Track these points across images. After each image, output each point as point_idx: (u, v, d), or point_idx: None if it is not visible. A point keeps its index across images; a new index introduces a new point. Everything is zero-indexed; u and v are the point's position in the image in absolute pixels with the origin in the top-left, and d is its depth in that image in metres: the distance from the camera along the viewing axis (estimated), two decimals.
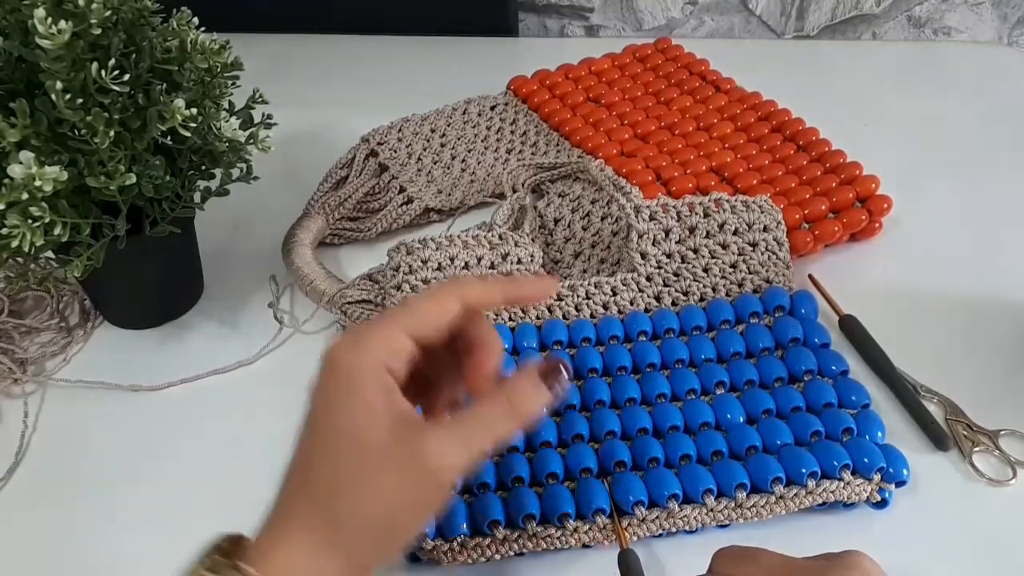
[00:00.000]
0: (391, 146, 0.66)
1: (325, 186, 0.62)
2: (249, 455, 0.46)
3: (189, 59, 0.46)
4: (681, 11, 0.87)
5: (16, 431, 0.48)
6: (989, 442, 0.45)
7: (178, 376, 0.51)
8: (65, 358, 0.53)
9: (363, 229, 0.60)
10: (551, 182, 0.62)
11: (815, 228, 0.56)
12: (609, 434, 0.44)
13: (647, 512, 0.40)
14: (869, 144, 0.63)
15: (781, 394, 0.45)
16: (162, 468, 0.46)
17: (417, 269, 0.50)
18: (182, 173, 0.47)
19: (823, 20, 0.86)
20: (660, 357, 0.48)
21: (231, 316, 0.55)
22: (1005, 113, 0.71)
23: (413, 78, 0.79)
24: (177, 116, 0.43)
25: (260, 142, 0.49)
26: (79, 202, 0.43)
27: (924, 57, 0.83)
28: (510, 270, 0.51)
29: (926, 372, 0.48)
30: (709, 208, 0.52)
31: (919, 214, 0.59)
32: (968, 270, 0.56)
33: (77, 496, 0.45)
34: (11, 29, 0.42)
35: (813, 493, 0.41)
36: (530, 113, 0.70)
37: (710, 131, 0.64)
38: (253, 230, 0.61)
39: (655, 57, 0.73)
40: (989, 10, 0.84)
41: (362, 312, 0.51)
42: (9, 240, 0.40)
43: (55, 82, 0.39)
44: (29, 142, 0.40)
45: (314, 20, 0.86)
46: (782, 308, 0.50)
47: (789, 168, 0.60)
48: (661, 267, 0.52)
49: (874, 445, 0.42)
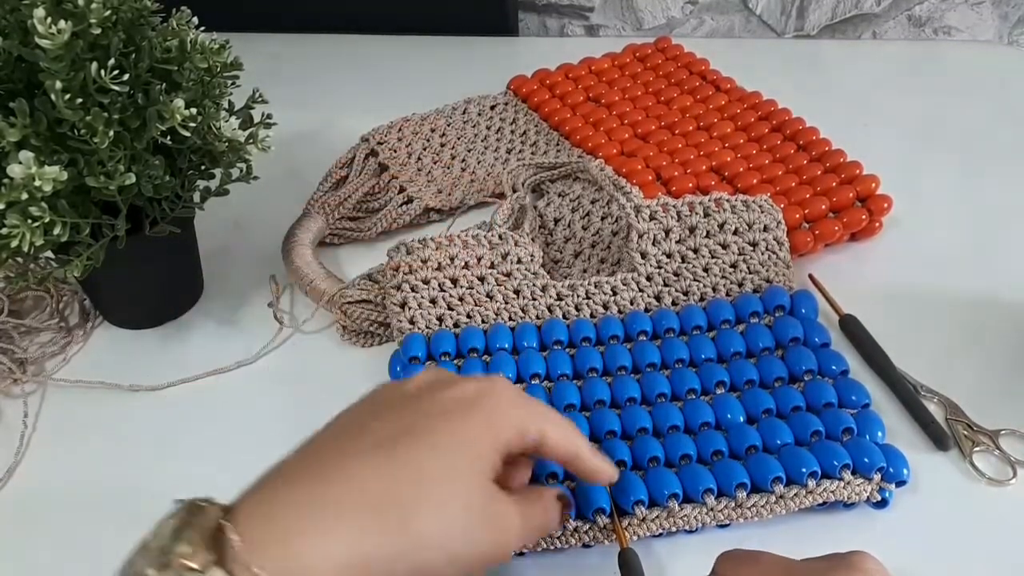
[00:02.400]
0: (391, 146, 0.66)
1: (325, 186, 0.62)
2: (249, 455, 0.46)
3: (189, 59, 0.46)
4: (681, 11, 0.87)
5: (16, 431, 0.48)
6: (989, 442, 0.45)
7: (178, 376, 0.51)
8: (65, 358, 0.53)
9: (363, 229, 0.60)
10: (551, 182, 0.62)
11: (815, 228, 0.56)
12: (609, 434, 0.44)
13: (647, 511, 0.40)
14: (869, 144, 0.63)
15: (781, 394, 0.45)
16: (162, 468, 0.46)
17: (417, 269, 0.50)
18: (182, 173, 0.47)
19: (823, 19, 0.86)
20: (660, 357, 0.48)
21: (231, 316, 0.55)
22: (1005, 113, 0.71)
23: (413, 78, 0.79)
24: (177, 116, 0.43)
25: (260, 142, 0.49)
26: (79, 202, 0.43)
27: (924, 57, 0.83)
28: (510, 270, 0.51)
29: (926, 372, 0.48)
30: (709, 208, 0.52)
31: (919, 214, 0.59)
32: (968, 270, 0.56)
33: (76, 496, 0.45)
34: (11, 29, 0.41)
35: (813, 493, 0.41)
36: (530, 113, 0.70)
37: (710, 131, 0.64)
38: (253, 230, 0.61)
39: (655, 57, 0.73)
40: (989, 9, 0.84)
41: (362, 312, 0.52)
42: (9, 240, 0.40)
43: (55, 82, 0.39)
44: (29, 142, 0.40)
45: (314, 20, 0.86)
46: (782, 308, 0.50)
47: (789, 168, 0.60)
48: (661, 267, 0.52)
49: (874, 445, 0.42)
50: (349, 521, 0.28)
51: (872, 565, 0.31)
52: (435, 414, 0.32)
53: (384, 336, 0.53)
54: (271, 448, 0.32)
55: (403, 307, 0.50)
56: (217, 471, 0.45)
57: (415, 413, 0.32)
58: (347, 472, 0.29)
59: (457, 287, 0.50)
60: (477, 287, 0.51)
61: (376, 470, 0.29)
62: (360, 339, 0.53)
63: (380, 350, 0.52)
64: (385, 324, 0.52)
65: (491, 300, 0.51)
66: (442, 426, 0.31)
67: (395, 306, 0.50)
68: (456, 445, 0.31)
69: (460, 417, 0.32)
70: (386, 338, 0.53)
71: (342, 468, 0.30)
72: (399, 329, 0.49)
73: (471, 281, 0.51)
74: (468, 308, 0.50)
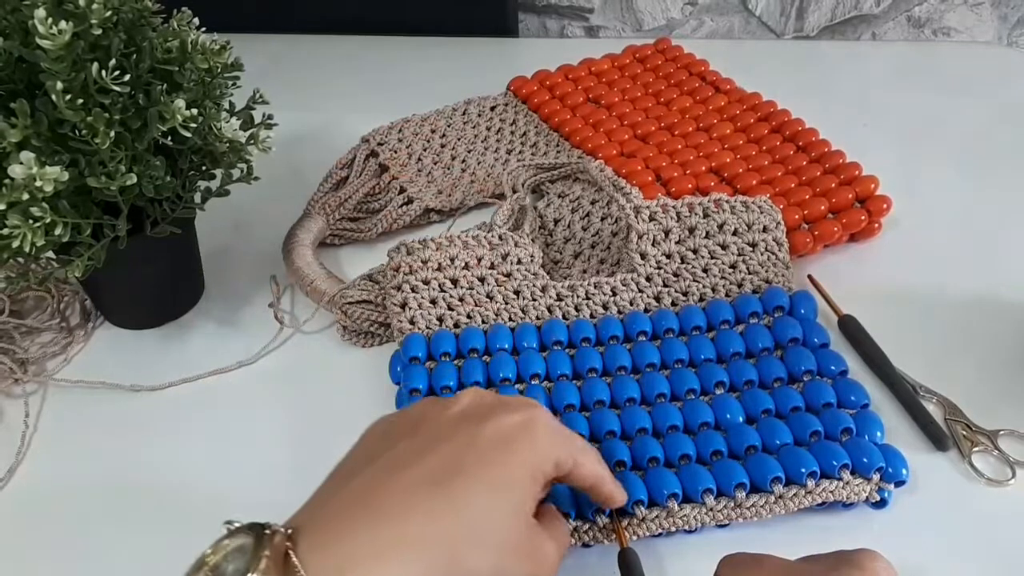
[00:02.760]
0: (391, 146, 0.66)
1: (325, 186, 0.62)
2: (250, 455, 0.46)
3: (189, 59, 0.46)
4: (681, 11, 0.87)
5: (17, 431, 0.48)
6: (988, 442, 0.45)
7: (178, 376, 0.51)
8: (66, 358, 0.53)
9: (363, 229, 0.60)
10: (551, 182, 0.62)
11: (814, 228, 0.56)
12: (609, 434, 0.44)
13: (647, 511, 0.40)
14: (869, 144, 0.63)
15: (780, 394, 0.45)
16: (162, 468, 0.46)
17: (417, 269, 0.50)
18: (183, 173, 0.48)
19: (823, 20, 0.86)
20: (660, 357, 0.48)
21: (231, 316, 0.55)
22: (1005, 113, 0.71)
23: (413, 78, 0.80)
24: (177, 116, 0.43)
25: (260, 142, 0.49)
26: (80, 202, 0.43)
27: (924, 57, 0.83)
28: (510, 271, 0.51)
29: (925, 372, 0.48)
30: (709, 208, 0.53)
31: (919, 214, 0.60)
32: (968, 270, 0.56)
33: (78, 496, 0.45)
34: (11, 29, 0.42)
35: (812, 493, 0.41)
36: (530, 114, 0.70)
37: (710, 131, 0.65)
38: (253, 230, 0.61)
39: (655, 58, 0.73)
40: (989, 10, 0.84)
41: (362, 312, 0.52)
42: (10, 240, 0.40)
43: (55, 82, 0.39)
44: (30, 142, 0.40)
45: (314, 20, 0.86)
46: (781, 308, 0.50)
47: (789, 168, 0.60)
48: (661, 267, 0.52)
49: (873, 445, 0.42)
50: (407, 558, 0.29)
51: (880, 564, 0.31)
52: (483, 449, 0.33)
53: (384, 336, 0.53)
54: (271, 448, 0.32)
55: (403, 307, 0.50)
56: (218, 471, 0.46)
57: (464, 448, 0.33)
58: (406, 510, 0.30)
59: (457, 288, 0.50)
60: (477, 288, 0.51)
61: (430, 512, 0.30)
62: (360, 339, 0.53)
63: (380, 350, 0.52)
64: (385, 324, 0.52)
65: (491, 300, 0.51)
66: (489, 466, 0.32)
67: (395, 306, 0.50)
68: (504, 487, 0.32)
69: (503, 455, 0.33)
70: (386, 338, 0.53)
71: (401, 504, 0.30)
72: (399, 329, 0.50)
73: (471, 282, 0.51)
74: (468, 308, 0.50)
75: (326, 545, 0.29)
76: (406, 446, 0.33)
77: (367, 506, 0.30)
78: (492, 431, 0.33)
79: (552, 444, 0.34)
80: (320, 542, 0.29)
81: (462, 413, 0.35)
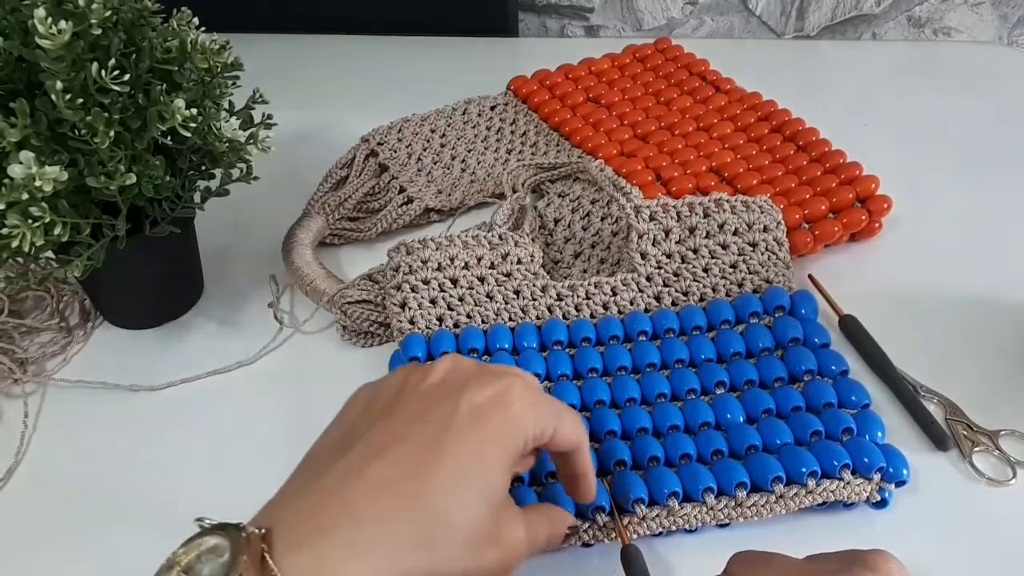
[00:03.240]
0: (391, 146, 0.66)
1: (325, 186, 0.62)
2: (249, 455, 0.46)
3: (189, 59, 0.46)
4: (681, 11, 0.87)
5: (16, 431, 0.48)
6: (989, 442, 0.45)
7: (178, 376, 0.51)
8: (65, 358, 0.53)
9: (363, 229, 0.60)
10: (551, 182, 0.62)
11: (815, 228, 0.56)
12: (609, 434, 0.44)
13: (647, 510, 0.40)
14: (869, 144, 0.63)
15: (781, 394, 0.45)
16: (162, 468, 0.46)
17: (417, 269, 0.50)
18: (182, 173, 0.47)
19: (823, 20, 0.86)
20: (660, 357, 0.48)
21: (231, 316, 0.55)
22: (1005, 113, 0.71)
23: (413, 78, 0.80)
24: (177, 116, 0.43)
25: (260, 142, 0.49)
26: (79, 202, 0.43)
27: (924, 57, 0.83)
28: (510, 270, 0.51)
29: (926, 372, 0.48)
30: (709, 208, 0.52)
31: (919, 214, 0.59)
32: (968, 270, 0.56)
33: (77, 496, 0.45)
34: (11, 29, 0.42)
35: (813, 492, 0.41)
36: (530, 113, 0.70)
37: (710, 131, 0.64)
38: (253, 230, 0.61)
39: (655, 57, 0.73)
40: (989, 10, 0.84)
41: (362, 312, 0.52)
42: (9, 240, 0.40)
43: (55, 82, 0.39)
44: (29, 142, 0.40)
45: (314, 20, 0.86)
46: (782, 308, 0.50)
47: (789, 168, 0.60)
48: (661, 267, 0.52)
49: (874, 445, 0.42)
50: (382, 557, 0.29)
51: (894, 566, 0.30)
52: (457, 428, 0.32)
53: (384, 336, 0.53)
54: (271, 448, 0.32)
55: (403, 307, 0.50)
56: (217, 471, 0.46)
57: (439, 431, 0.32)
58: (380, 507, 0.30)
59: (457, 287, 0.50)
60: (477, 287, 0.51)
61: (403, 508, 0.30)
62: (360, 339, 0.53)
63: (380, 350, 0.52)
64: (385, 324, 0.52)
65: (491, 300, 0.51)
66: (460, 451, 0.32)
67: (395, 306, 0.50)
68: (475, 474, 0.32)
69: (476, 433, 0.32)
70: (386, 338, 0.53)
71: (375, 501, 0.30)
72: (399, 329, 0.49)
73: (471, 281, 0.51)
74: (468, 308, 0.50)
75: (301, 545, 0.29)
76: (382, 427, 0.33)
77: (342, 503, 0.30)
78: (466, 406, 0.33)
79: (527, 414, 0.34)
80: (295, 542, 0.29)
81: (440, 383, 0.34)
